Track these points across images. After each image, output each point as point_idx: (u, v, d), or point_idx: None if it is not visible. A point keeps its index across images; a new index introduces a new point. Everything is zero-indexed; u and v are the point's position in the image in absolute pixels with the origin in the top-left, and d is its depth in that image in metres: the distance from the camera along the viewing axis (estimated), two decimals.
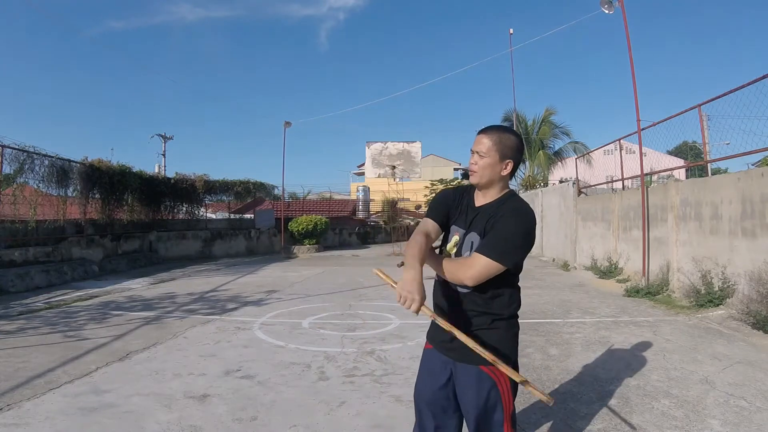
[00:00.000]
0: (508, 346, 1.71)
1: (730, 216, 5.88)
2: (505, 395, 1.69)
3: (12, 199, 9.68)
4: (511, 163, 1.69)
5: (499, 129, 1.72)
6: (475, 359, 1.62)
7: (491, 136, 1.69)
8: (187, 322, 5.89)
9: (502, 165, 1.69)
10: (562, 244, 12.52)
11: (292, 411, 3.11)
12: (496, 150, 1.67)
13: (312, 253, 17.49)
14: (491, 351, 1.57)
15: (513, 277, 1.71)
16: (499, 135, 1.69)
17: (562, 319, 5.74)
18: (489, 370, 1.66)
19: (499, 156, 1.67)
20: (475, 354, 1.57)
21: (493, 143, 1.67)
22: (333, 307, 6.80)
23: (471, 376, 1.68)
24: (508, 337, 1.72)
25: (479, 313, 1.69)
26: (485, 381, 1.67)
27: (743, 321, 5.17)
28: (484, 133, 1.71)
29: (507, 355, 1.68)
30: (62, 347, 4.71)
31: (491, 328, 1.68)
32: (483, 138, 1.70)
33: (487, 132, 1.71)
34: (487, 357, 1.53)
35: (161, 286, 9.43)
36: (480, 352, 1.53)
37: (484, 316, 1.68)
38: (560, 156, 22.41)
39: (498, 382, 1.67)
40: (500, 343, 1.68)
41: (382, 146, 18.21)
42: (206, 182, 16.99)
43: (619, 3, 8.28)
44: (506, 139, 1.69)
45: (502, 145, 1.68)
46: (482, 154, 1.68)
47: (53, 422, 2.93)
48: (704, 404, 3.06)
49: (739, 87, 5.82)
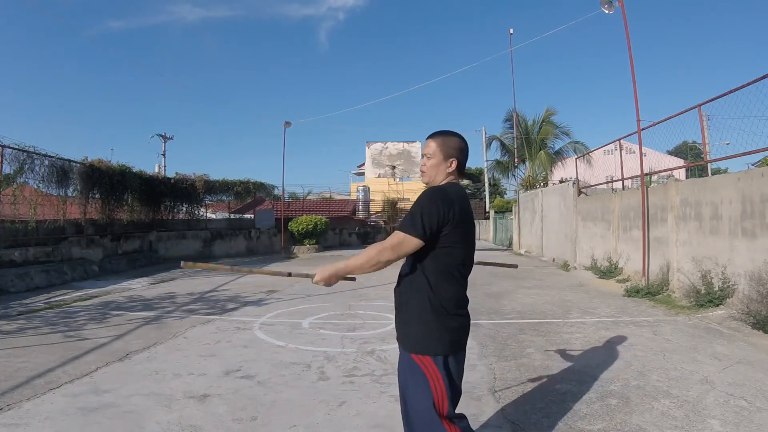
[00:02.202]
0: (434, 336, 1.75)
1: (730, 216, 5.88)
2: (437, 390, 1.72)
3: (12, 199, 9.69)
4: (455, 161, 1.86)
5: (442, 132, 1.91)
6: (408, 346, 1.78)
7: (435, 139, 1.89)
8: (187, 322, 5.89)
9: (447, 163, 1.87)
10: (562, 244, 12.52)
11: (292, 411, 3.11)
12: (440, 151, 1.87)
13: (312, 253, 17.50)
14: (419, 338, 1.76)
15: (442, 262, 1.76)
16: (443, 138, 1.89)
17: (562, 319, 5.74)
18: (418, 359, 1.75)
19: (444, 156, 1.86)
20: (407, 340, 1.79)
21: (437, 145, 1.87)
22: (333, 307, 6.80)
23: (406, 364, 1.80)
24: (437, 326, 1.75)
25: (410, 296, 1.81)
26: (413, 368, 1.76)
27: (743, 321, 5.17)
28: (430, 138, 1.91)
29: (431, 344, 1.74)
30: (62, 347, 4.71)
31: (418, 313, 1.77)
32: (429, 142, 1.90)
33: (432, 136, 1.91)
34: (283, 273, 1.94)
35: (161, 286, 9.43)
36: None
37: (413, 300, 1.79)
38: (560, 156, 22.40)
39: (427, 373, 1.73)
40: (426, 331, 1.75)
41: (382, 146, 18.23)
42: (206, 182, 17.00)
43: (619, 3, 8.28)
44: (449, 141, 1.88)
45: (446, 146, 1.87)
46: (429, 155, 1.89)
47: (53, 422, 2.93)
48: (704, 404, 3.06)
49: (739, 87, 5.83)
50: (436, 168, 1.87)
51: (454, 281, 1.79)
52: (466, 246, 1.79)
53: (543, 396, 3.29)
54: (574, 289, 8.18)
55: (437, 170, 1.87)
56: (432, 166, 1.87)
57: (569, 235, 11.85)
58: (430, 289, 1.76)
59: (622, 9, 8.25)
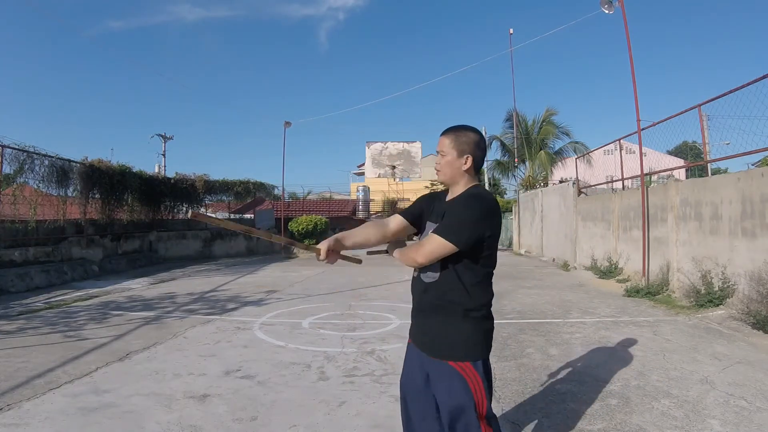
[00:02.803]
0: (473, 341, 1.72)
1: (730, 216, 5.88)
2: (477, 393, 1.68)
3: (12, 199, 9.69)
4: (470, 158, 1.78)
5: (456, 128, 1.82)
6: (445, 354, 1.69)
7: (448, 136, 1.80)
8: (187, 322, 5.89)
9: (462, 160, 1.78)
10: (562, 244, 12.52)
11: (292, 411, 3.11)
12: (453, 147, 1.78)
13: (312, 253, 17.46)
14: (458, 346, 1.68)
15: (480, 267, 1.72)
16: (456, 133, 1.80)
17: (562, 319, 5.74)
18: (458, 366, 1.67)
19: (457, 152, 1.78)
20: (444, 348, 1.68)
21: (450, 141, 1.79)
22: (333, 307, 6.79)
23: (441, 371, 1.71)
24: (476, 331, 1.72)
25: (444, 303, 1.72)
26: (454, 377, 1.68)
27: (743, 321, 5.17)
28: (443, 134, 1.83)
29: (472, 350, 1.70)
30: (62, 347, 4.71)
31: (464, 318, 1.70)
32: (442, 138, 1.82)
33: (445, 132, 1.82)
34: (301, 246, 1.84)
35: (161, 286, 9.43)
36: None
37: (449, 306, 1.71)
38: (560, 156, 22.39)
39: (468, 379, 1.67)
40: (466, 338, 1.70)
41: (382, 146, 18.23)
42: (206, 182, 17.00)
43: (619, 3, 8.28)
44: (463, 136, 1.79)
45: (459, 142, 1.78)
46: (442, 153, 1.81)
47: (53, 422, 2.93)
48: (704, 404, 3.06)
49: (739, 87, 5.83)
50: (451, 165, 1.78)
51: (488, 285, 1.76)
52: (496, 250, 1.78)
53: (543, 396, 3.29)
54: (574, 289, 8.18)
55: (452, 168, 1.79)
56: (446, 163, 1.79)
57: (569, 235, 11.85)
58: (467, 295, 1.70)
59: (622, 9, 8.25)
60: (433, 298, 1.74)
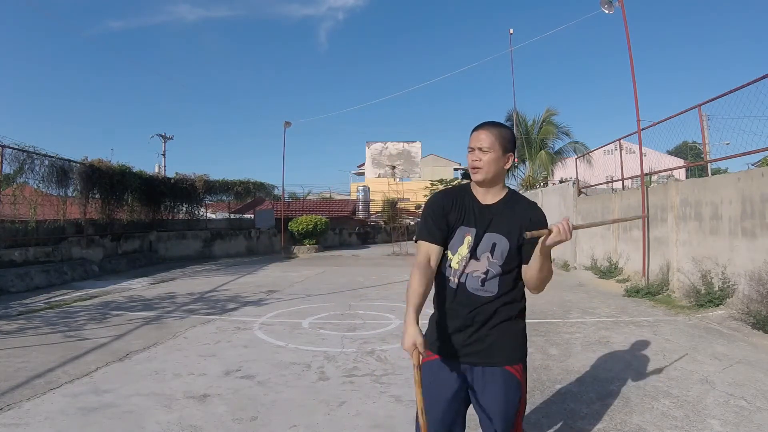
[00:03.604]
0: (524, 341, 1.75)
1: (730, 216, 5.88)
2: (524, 392, 1.70)
3: (12, 199, 9.68)
4: (512, 157, 1.70)
5: (496, 124, 1.72)
6: (498, 360, 1.64)
7: (492, 131, 1.67)
8: (187, 322, 5.88)
9: (505, 158, 1.68)
10: (562, 243, 12.51)
11: (292, 411, 3.11)
12: (499, 144, 1.66)
13: (312, 253, 17.49)
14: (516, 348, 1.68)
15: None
16: (499, 129, 1.69)
17: (562, 319, 5.74)
18: (513, 369, 1.65)
19: (502, 150, 1.67)
20: (503, 354, 1.64)
21: (495, 138, 1.66)
22: (333, 307, 6.79)
23: (496, 378, 1.64)
24: (524, 329, 1.76)
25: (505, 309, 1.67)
26: (511, 381, 1.65)
27: (743, 321, 5.17)
28: (483, 129, 1.69)
29: (524, 349, 1.73)
30: (62, 347, 4.71)
31: (516, 320, 1.70)
32: (483, 134, 1.67)
33: (486, 127, 1.69)
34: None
35: (161, 286, 9.43)
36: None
37: (510, 308, 1.68)
38: (560, 156, 22.39)
39: (521, 381, 1.68)
40: (522, 339, 1.73)
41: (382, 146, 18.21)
42: (206, 182, 16.99)
43: (619, 3, 8.28)
44: (505, 133, 1.69)
45: (503, 138, 1.67)
46: (485, 149, 1.66)
47: (53, 422, 2.93)
48: (704, 404, 3.06)
49: (739, 87, 5.82)
50: (495, 163, 1.66)
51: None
52: None
53: (543, 396, 3.30)
54: (574, 289, 8.18)
55: (496, 166, 1.66)
56: (490, 161, 1.65)
57: None
58: (521, 294, 1.70)
59: (622, 9, 8.25)
60: (494, 307, 1.65)
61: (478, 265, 1.65)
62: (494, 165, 1.66)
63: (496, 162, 1.66)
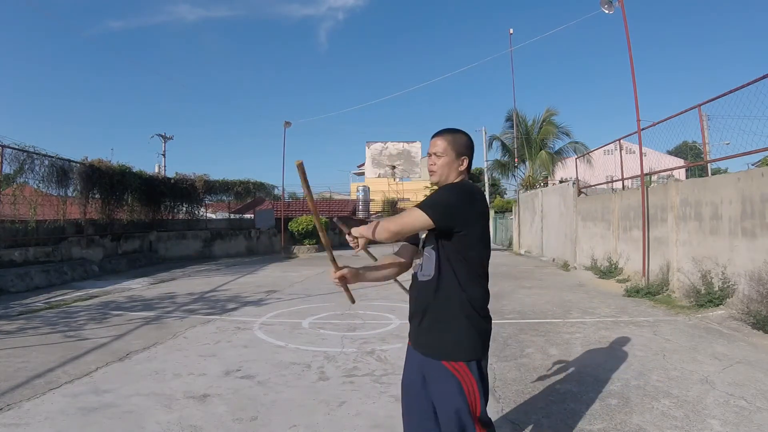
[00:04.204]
0: (467, 341, 1.68)
1: (730, 216, 5.87)
2: (471, 395, 1.66)
3: (12, 199, 9.69)
4: (467, 160, 1.81)
5: (451, 130, 1.84)
6: (439, 354, 1.67)
7: (445, 137, 1.81)
8: (187, 322, 5.88)
9: (459, 161, 1.80)
10: (562, 244, 12.52)
11: (292, 411, 3.11)
12: (452, 149, 1.79)
13: (312, 253, 17.49)
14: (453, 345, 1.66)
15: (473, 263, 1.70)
16: (452, 135, 1.82)
17: (562, 319, 5.74)
18: (451, 366, 1.65)
19: (455, 154, 1.79)
20: (439, 348, 1.67)
21: (448, 143, 1.80)
22: (333, 307, 6.79)
23: (437, 373, 1.69)
24: (470, 330, 1.68)
25: (440, 302, 1.69)
26: (449, 378, 1.66)
27: (743, 321, 5.17)
28: (438, 136, 1.83)
29: (466, 349, 1.67)
30: (62, 347, 4.71)
31: (456, 314, 1.67)
32: (438, 140, 1.81)
33: (441, 134, 1.83)
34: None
35: (161, 286, 9.43)
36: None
37: (445, 304, 1.69)
38: (560, 156, 22.39)
39: (461, 379, 1.65)
40: (460, 337, 1.67)
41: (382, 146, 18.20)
42: (206, 182, 17.00)
43: (619, 3, 8.28)
44: (459, 138, 1.81)
45: (457, 144, 1.80)
46: (439, 154, 1.80)
47: (53, 422, 2.93)
48: (704, 404, 3.06)
49: (739, 87, 5.82)
50: (448, 167, 1.79)
51: (481, 281, 1.73)
52: (487, 243, 1.75)
53: (543, 396, 3.29)
54: (574, 289, 8.18)
55: (449, 169, 1.79)
56: (443, 165, 1.79)
57: (569, 235, 11.85)
58: (461, 291, 1.67)
59: (622, 9, 8.25)
60: (429, 297, 1.71)
61: (424, 256, 1.78)
62: (446, 168, 1.80)
63: (449, 165, 1.79)
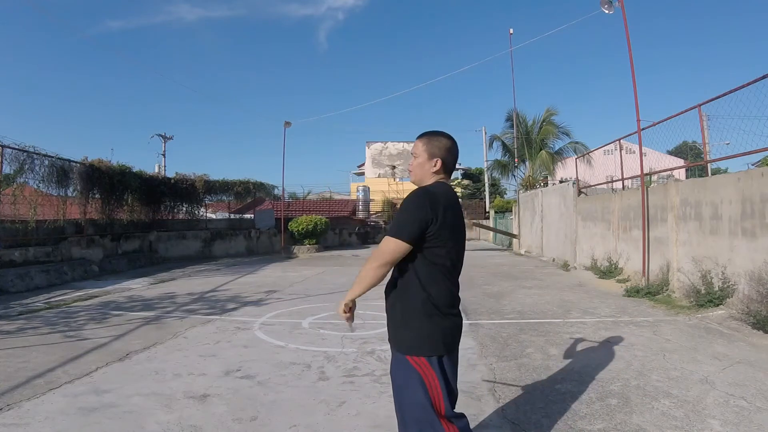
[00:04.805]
0: (428, 336, 1.77)
1: (730, 216, 5.87)
2: (433, 390, 1.73)
3: (12, 199, 9.68)
4: (440, 161, 1.87)
5: (430, 133, 1.92)
6: (402, 347, 1.79)
7: (422, 139, 1.91)
8: (187, 322, 5.88)
9: (432, 163, 1.88)
10: (562, 244, 12.52)
11: (292, 411, 3.11)
12: (425, 150, 1.89)
13: (312, 253, 17.49)
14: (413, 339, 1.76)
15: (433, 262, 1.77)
16: (429, 138, 1.90)
17: (562, 319, 5.74)
18: (413, 360, 1.75)
19: (428, 155, 1.88)
20: (402, 341, 1.81)
21: (423, 144, 1.90)
22: (333, 307, 6.79)
23: (399, 365, 1.81)
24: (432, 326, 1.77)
25: (403, 298, 1.84)
26: (409, 371, 1.76)
27: (743, 321, 5.17)
28: (417, 138, 1.93)
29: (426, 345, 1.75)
30: (62, 347, 4.71)
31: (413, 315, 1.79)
32: (416, 142, 1.93)
33: (420, 137, 1.93)
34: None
35: (161, 286, 9.43)
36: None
37: (407, 301, 1.81)
38: (560, 156, 22.39)
39: (422, 374, 1.74)
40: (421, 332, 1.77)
41: (382, 146, 18.23)
42: (206, 182, 17.00)
43: (619, 3, 8.28)
44: (435, 141, 1.89)
45: (431, 145, 1.88)
46: (415, 155, 1.92)
47: (53, 422, 2.93)
48: (704, 404, 3.06)
49: (739, 87, 5.82)
50: (421, 167, 1.89)
51: (445, 280, 1.79)
52: (455, 244, 1.79)
53: (543, 396, 3.29)
54: (574, 289, 8.18)
55: (422, 169, 1.89)
56: (417, 165, 1.90)
57: (569, 235, 11.85)
58: (422, 289, 1.77)
59: (622, 9, 8.24)
60: (393, 293, 1.88)
61: None
62: (420, 168, 1.90)
63: (422, 166, 1.89)
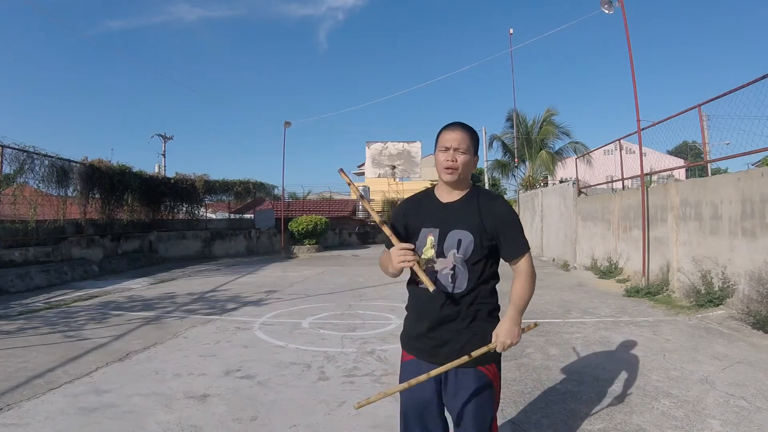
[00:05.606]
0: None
1: (730, 216, 5.87)
2: (497, 393, 1.72)
3: (12, 199, 9.68)
4: (477, 157, 1.74)
5: (468, 126, 1.73)
6: (473, 360, 1.62)
7: (467, 133, 1.68)
8: (187, 322, 5.88)
9: (474, 159, 1.72)
10: (562, 244, 12.52)
11: (292, 411, 3.11)
12: (472, 146, 1.69)
13: (312, 253, 17.48)
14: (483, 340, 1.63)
15: (496, 264, 1.75)
16: (471, 132, 1.71)
17: (562, 319, 5.74)
18: (485, 369, 1.66)
19: (474, 151, 1.71)
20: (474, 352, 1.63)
21: (470, 139, 1.68)
22: (333, 307, 6.79)
23: (469, 378, 1.64)
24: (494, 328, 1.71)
25: (474, 309, 1.66)
26: (482, 382, 1.65)
27: (743, 321, 5.17)
28: (460, 130, 1.68)
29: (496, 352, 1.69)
30: (62, 347, 4.71)
31: (487, 319, 1.69)
32: (460, 135, 1.67)
33: (463, 129, 1.69)
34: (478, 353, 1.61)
35: (161, 286, 9.43)
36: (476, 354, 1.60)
37: (479, 310, 1.68)
38: (560, 156, 22.40)
39: (494, 380, 1.68)
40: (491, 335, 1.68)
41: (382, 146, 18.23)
42: (206, 182, 16.99)
43: (619, 3, 8.28)
44: (475, 136, 1.72)
45: (475, 141, 1.71)
46: (463, 150, 1.66)
47: (53, 422, 2.93)
48: (704, 404, 3.06)
49: (739, 87, 5.82)
50: (468, 165, 1.68)
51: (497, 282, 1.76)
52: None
53: (543, 396, 3.29)
54: (574, 289, 8.18)
55: (468, 168, 1.69)
56: (465, 162, 1.66)
57: (569, 235, 11.85)
58: (492, 295, 1.72)
59: (622, 9, 8.24)
60: (462, 307, 1.65)
61: (446, 262, 1.65)
62: (467, 167, 1.68)
63: (469, 163, 1.68)
